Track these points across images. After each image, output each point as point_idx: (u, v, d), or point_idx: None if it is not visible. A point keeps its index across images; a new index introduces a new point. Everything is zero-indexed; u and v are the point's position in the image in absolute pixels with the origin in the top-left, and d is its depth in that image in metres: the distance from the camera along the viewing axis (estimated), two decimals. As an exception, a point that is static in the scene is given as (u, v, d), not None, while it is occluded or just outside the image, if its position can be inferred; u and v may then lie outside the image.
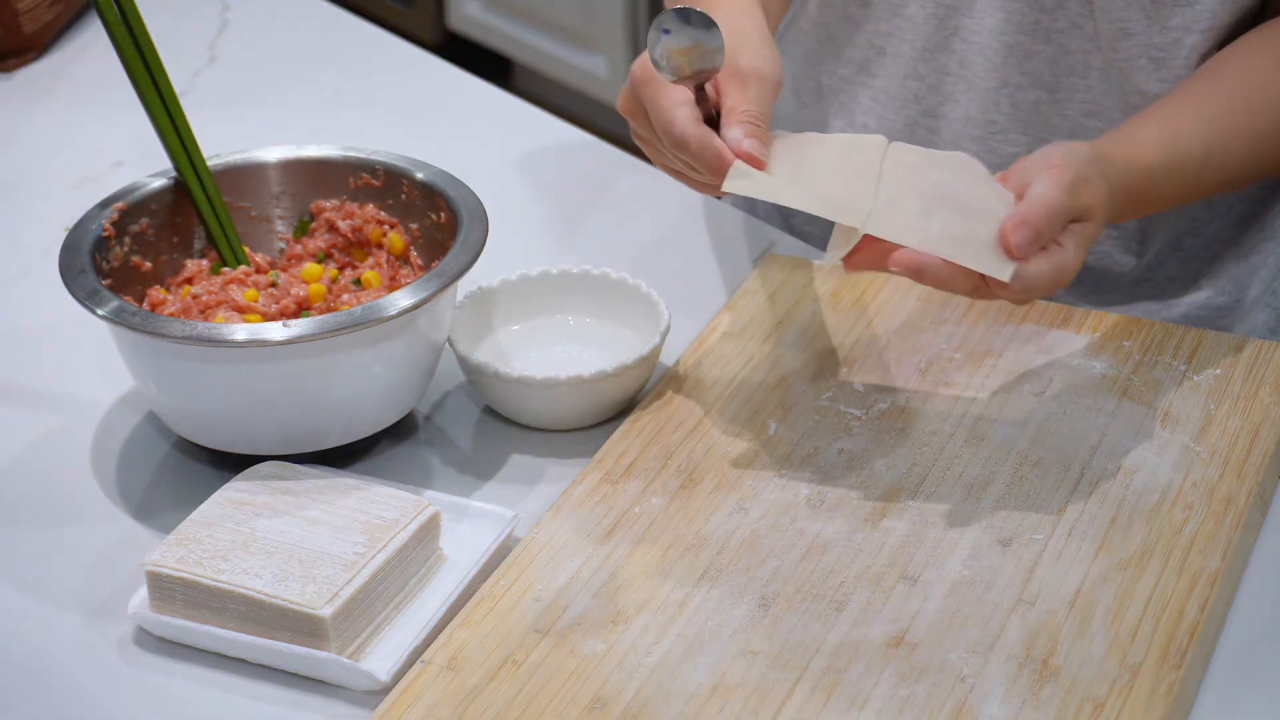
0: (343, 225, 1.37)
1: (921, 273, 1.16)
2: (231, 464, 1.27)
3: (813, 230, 1.59)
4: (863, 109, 1.52)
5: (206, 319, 1.29)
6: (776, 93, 1.24)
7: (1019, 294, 1.18)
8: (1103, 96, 1.43)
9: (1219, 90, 1.33)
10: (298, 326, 1.20)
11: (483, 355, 1.33)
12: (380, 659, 1.14)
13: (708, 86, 1.22)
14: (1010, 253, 1.16)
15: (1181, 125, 1.31)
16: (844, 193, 1.19)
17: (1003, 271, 1.16)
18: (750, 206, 1.64)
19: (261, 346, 1.20)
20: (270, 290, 1.31)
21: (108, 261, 1.30)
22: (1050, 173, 1.19)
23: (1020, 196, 1.19)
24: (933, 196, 1.19)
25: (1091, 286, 1.49)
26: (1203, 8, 1.37)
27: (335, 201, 1.38)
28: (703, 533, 1.20)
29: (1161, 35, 1.38)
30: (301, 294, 1.31)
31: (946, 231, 1.17)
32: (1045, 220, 1.17)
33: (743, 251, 1.50)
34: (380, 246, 1.36)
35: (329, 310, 1.31)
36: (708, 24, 1.19)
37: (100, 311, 1.22)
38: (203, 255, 1.36)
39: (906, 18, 1.46)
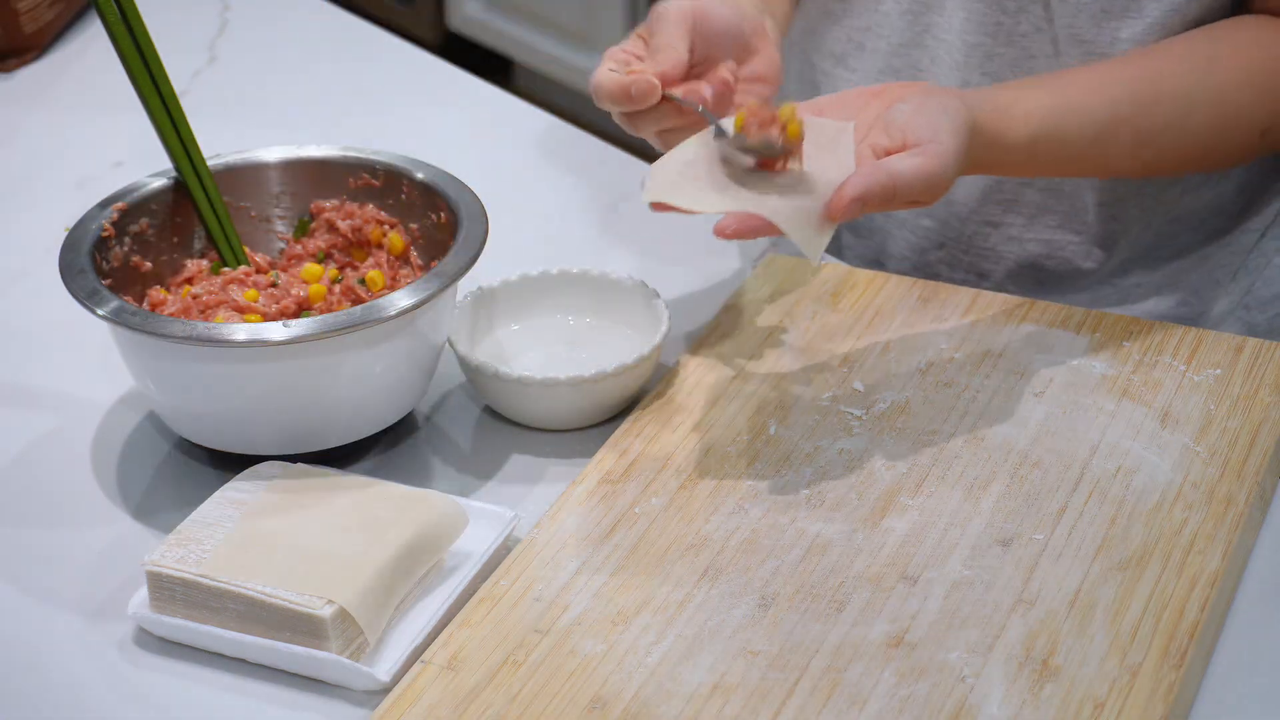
0: (343, 225, 1.37)
1: (745, 234, 1.18)
2: (231, 464, 1.27)
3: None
4: None
5: (206, 319, 1.29)
6: (712, 30, 1.29)
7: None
8: None
9: (1135, 72, 1.33)
10: (298, 326, 1.20)
11: (483, 355, 1.33)
12: (380, 659, 1.14)
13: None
14: (830, 213, 1.17)
15: (1074, 99, 1.30)
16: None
17: (813, 253, 1.17)
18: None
19: (261, 346, 1.20)
20: (270, 290, 1.31)
21: (108, 261, 1.30)
22: (925, 156, 1.19)
23: (895, 143, 1.20)
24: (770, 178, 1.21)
25: (1053, 286, 1.49)
26: (1152, 20, 1.37)
27: (335, 201, 1.38)
28: (703, 533, 1.20)
29: (1111, 46, 1.38)
30: (301, 294, 1.31)
31: (779, 206, 1.18)
32: (880, 203, 1.18)
33: (743, 251, 1.50)
34: (380, 246, 1.36)
35: (329, 310, 1.31)
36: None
37: (100, 311, 1.22)
38: (203, 255, 1.36)
39: (883, 13, 1.47)
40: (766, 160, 1.20)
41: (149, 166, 1.39)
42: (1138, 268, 1.49)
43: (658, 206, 1.20)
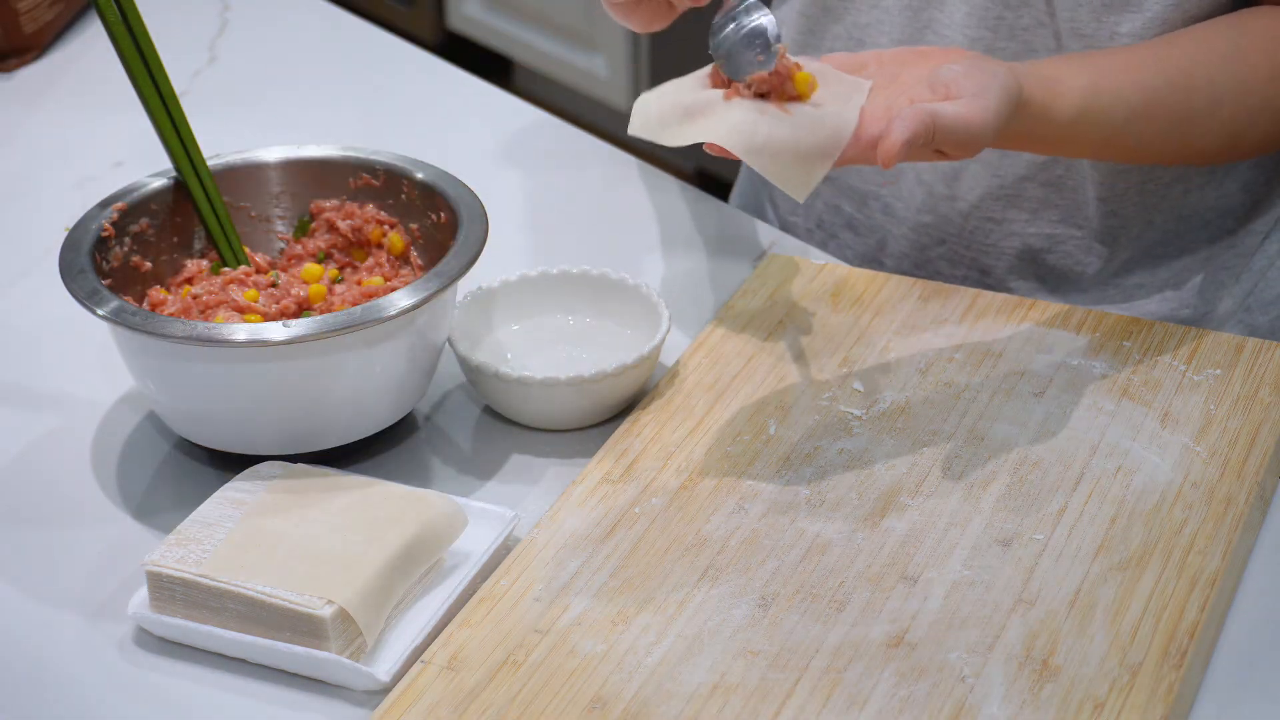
0: (343, 225, 1.37)
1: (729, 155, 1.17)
2: (231, 464, 1.27)
3: (813, 229, 1.59)
4: None
5: (206, 319, 1.29)
6: None
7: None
8: None
9: (1167, 58, 1.33)
10: (298, 326, 1.20)
11: (483, 355, 1.33)
12: (380, 659, 1.14)
13: None
14: (882, 150, 1.16)
15: (1112, 83, 1.30)
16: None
17: (797, 192, 1.17)
18: (753, 207, 1.65)
19: (261, 346, 1.20)
20: (270, 290, 1.31)
21: (108, 261, 1.30)
22: (968, 107, 1.19)
23: (938, 96, 1.20)
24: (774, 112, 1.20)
25: (1053, 286, 1.49)
26: (1152, 15, 1.37)
27: (335, 201, 1.38)
28: (703, 533, 1.20)
29: (1110, 40, 1.38)
30: (301, 294, 1.31)
31: (771, 138, 1.18)
32: (921, 146, 1.17)
33: (743, 251, 1.50)
34: (380, 246, 1.36)
35: (329, 310, 1.31)
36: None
37: (100, 311, 1.22)
38: (203, 255, 1.36)
39: (884, 9, 1.47)
40: (765, 88, 1.20)
41: (149, 166, 1.39)
42: (1140, 267, 1.49)
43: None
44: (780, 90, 1.19)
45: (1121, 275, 1.49)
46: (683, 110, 1.20)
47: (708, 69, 1.23)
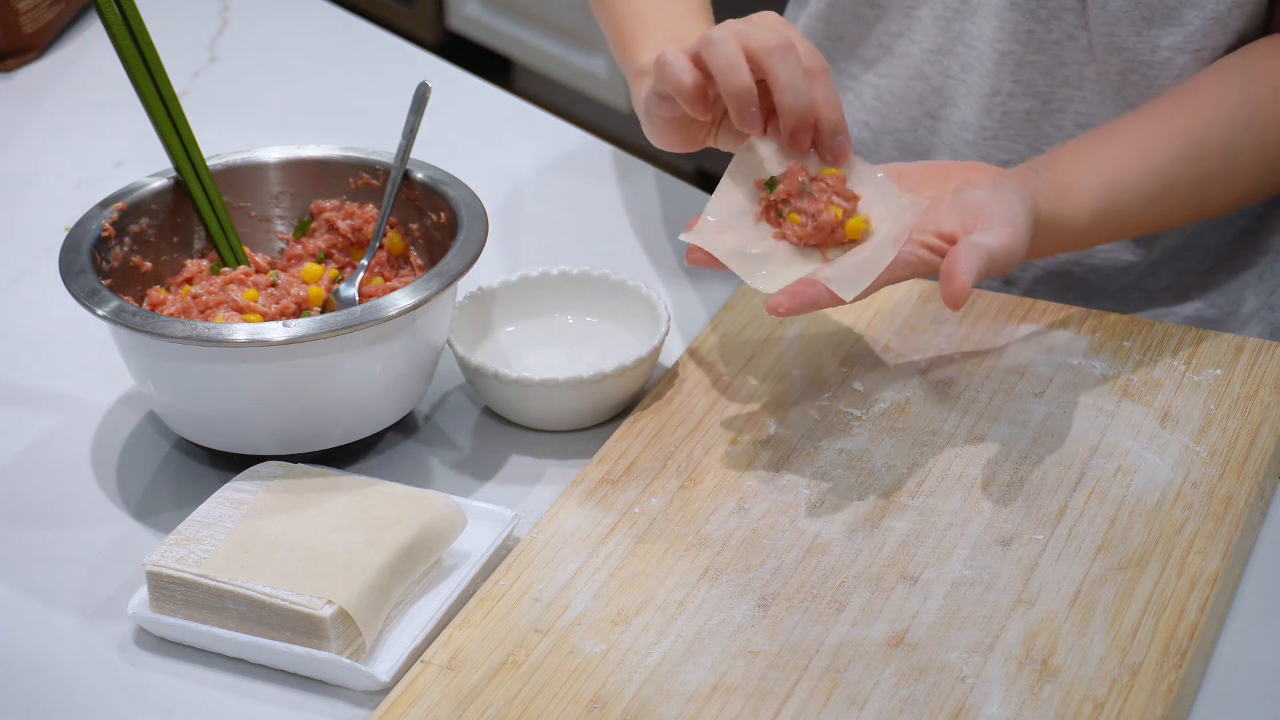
0: (343, 225, 1.37)
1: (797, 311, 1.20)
2: (231, 464, 1.27)
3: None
4: (867, 108, 1.52)
5: (206, 319, 1.29)
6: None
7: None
8: (1098, 108, 1.42)
9: (1176, 127, 1.33)
10: (298, 326, 1.20)
11: (482, 356, 1.33)
12: (380, 659, 1.14)
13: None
14: (956, 295, 1.17)
15: (1125, 171, 1.31)
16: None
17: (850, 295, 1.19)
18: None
19: (261, 346, 1.20)
20: (270, 290, 1.31)
21: (108, 261, 1.30)
22: (1004, 234, 1.20)
23: (965, 227, 1.21)
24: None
25: (1081, 292, 1.49)
26: (1194, 29, 1.36)
27: (335, 201, 1.38)
28: (703, 533, 1.20)
29: (1153, 54, 1.38)
30: (301, 294, 1.31)
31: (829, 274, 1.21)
32: (986, 275, 1.19)
33: (743, 251, 1.50)
34: (381, 246, 1.36)
35: (329, 310, 1.31)
36: None
37: (100, 311, 1.22)
38: (203, 255, 1.36)
39: (916, 19, 1.46)
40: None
41: (149, 166, 1.39)
42: (1166, 270, 1.48)
43: (697, 257, 1.22)
44: (829, 239, 1.23)
45: (1148, 278, 1.48)
46: (747, 258, 1.23)
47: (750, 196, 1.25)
